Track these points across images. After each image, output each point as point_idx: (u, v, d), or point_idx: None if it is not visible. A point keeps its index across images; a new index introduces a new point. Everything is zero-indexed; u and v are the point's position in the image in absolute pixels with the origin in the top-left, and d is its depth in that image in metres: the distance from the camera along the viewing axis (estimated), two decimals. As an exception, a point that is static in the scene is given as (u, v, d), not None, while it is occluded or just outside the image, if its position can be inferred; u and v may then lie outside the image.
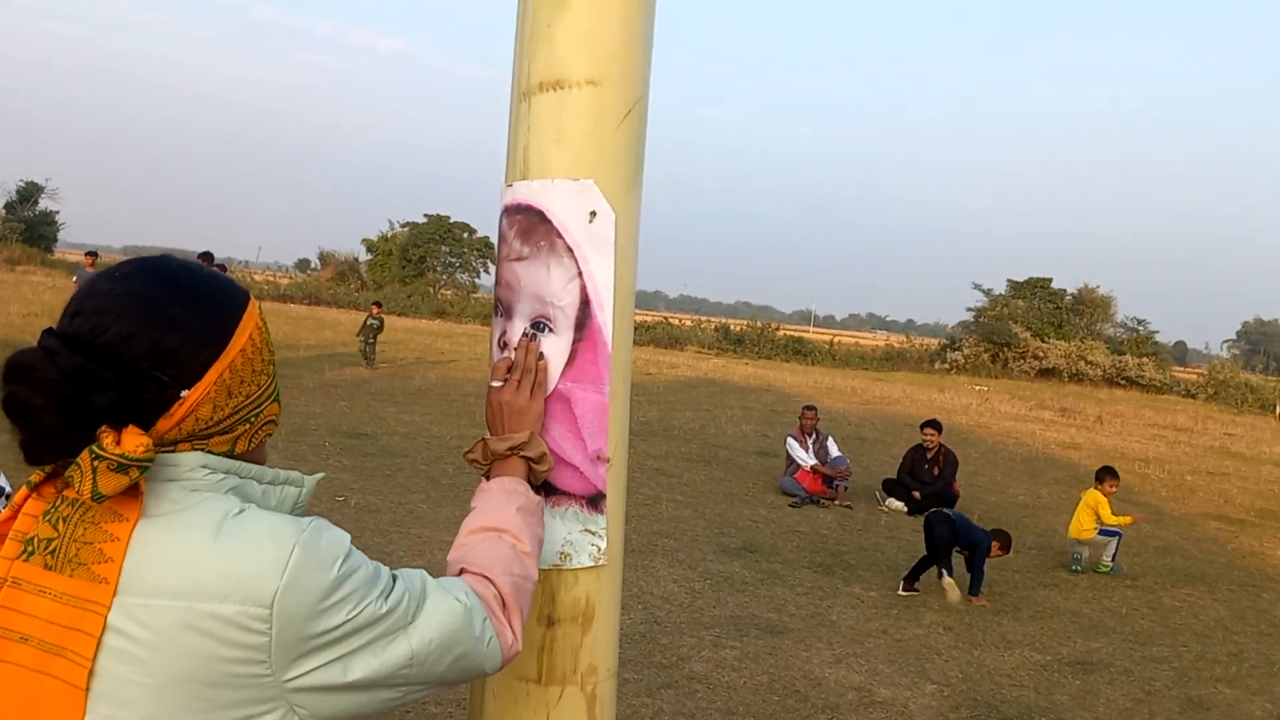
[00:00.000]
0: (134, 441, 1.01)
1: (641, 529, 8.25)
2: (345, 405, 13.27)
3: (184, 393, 1.08)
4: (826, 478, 10.64)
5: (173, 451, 1.10)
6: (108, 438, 1.01)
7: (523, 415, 1.46)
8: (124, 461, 1.00)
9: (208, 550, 1.03)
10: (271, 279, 54.15)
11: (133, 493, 1.05)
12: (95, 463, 1.00)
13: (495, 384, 1.49)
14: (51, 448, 1.04)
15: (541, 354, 1.49)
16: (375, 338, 18.80)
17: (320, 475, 1.30)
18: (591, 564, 1.52)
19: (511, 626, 1.26)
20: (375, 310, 19.64)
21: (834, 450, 10.98)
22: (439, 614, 1.15)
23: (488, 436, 1.48)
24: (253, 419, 1.16)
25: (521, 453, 1.45)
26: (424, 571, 1.21)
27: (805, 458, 10.78)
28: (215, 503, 1.08)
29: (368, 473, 9.18)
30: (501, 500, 1.39)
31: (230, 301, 1.15)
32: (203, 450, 1.12)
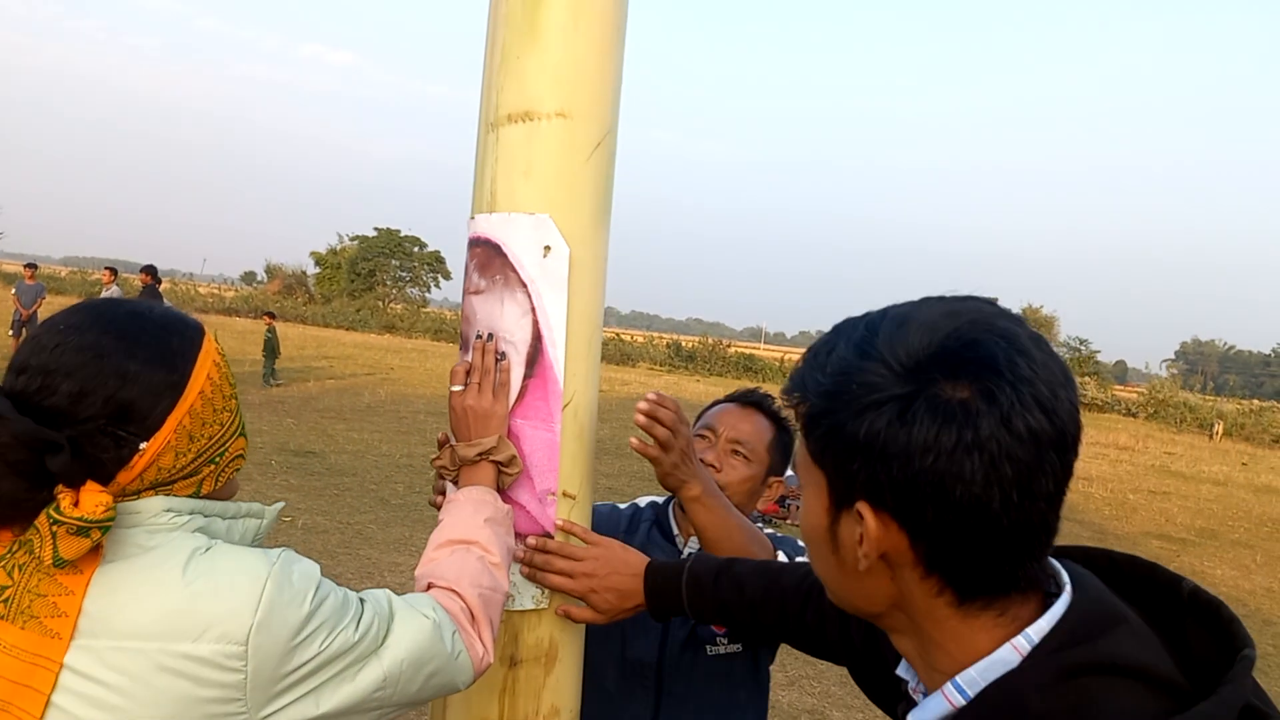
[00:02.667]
0: (93, 501, 0.97)
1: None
2: (292, 422, 13.05)
3: (143, 445, 1.04)
4: (780, 498, 10.68)
5: (136, 498, 1.06)
6: (65, 499, 0.97)
7: (487, 418, 1.44)
8: (84, 524, 0.96)
9: (178, 590, 1.00)
10: (216, 292, 53.40)
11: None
12: (54, 527, 0.96)
13: (456, 388, 1.47)
14: (11, 511, 1.00)
15: (502, 354, 1.46)
16: (273, 353, 16.95)
17: (280, 505, 1.27)
18: (534, 607, 1.48)
19: (481, 639, 1.25)
20: (268, 321, 17.70)
21: (787, 470, 11.02)
22: (408, 633, 1.14)
23: (454, 442, 1.46)
24: (218, 459, 1.13)
25: (491, 457, 1.43)
26: (389, 591, 1.19)
27: (757, 477, 10.81)
28: (182, 542, 1.05)
29: (315, 492, 9.01)
30: (469, 512, 1.37)
31: (184, 344, 1.10)
32: (166, 494, 1.08)
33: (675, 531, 1.88)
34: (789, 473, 7.89)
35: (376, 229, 53.93)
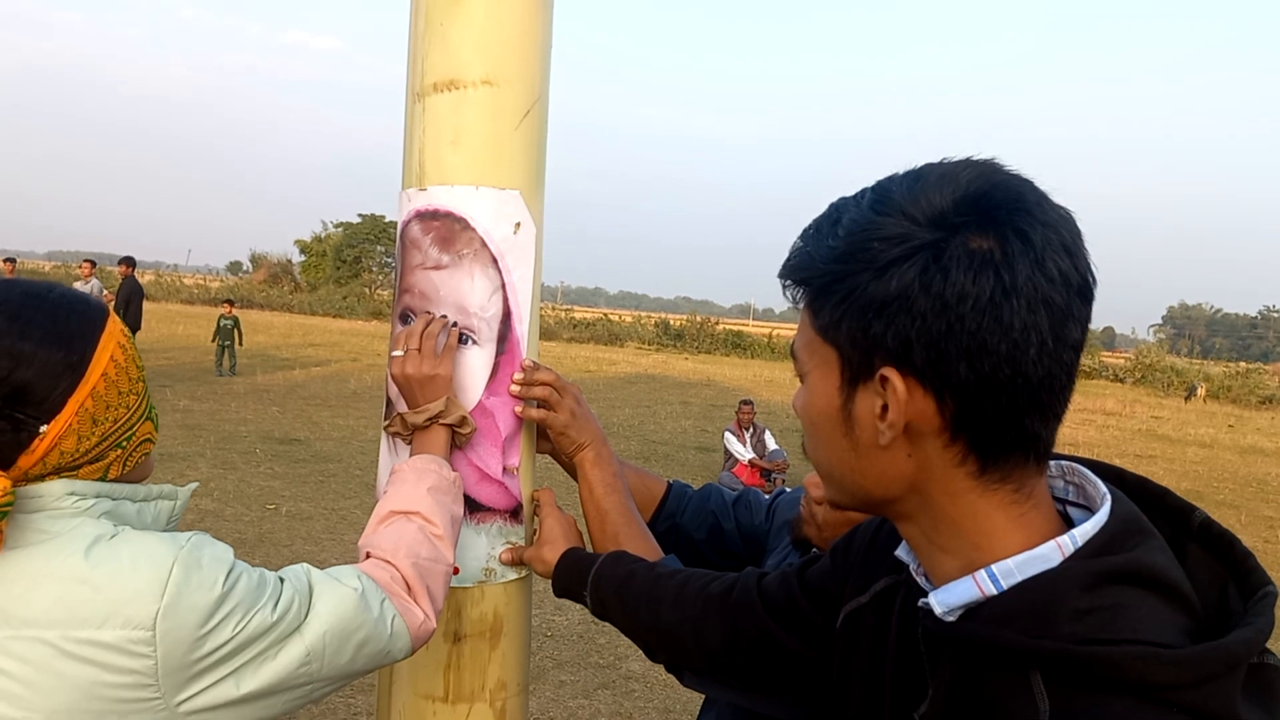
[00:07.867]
0: None
1: (580, 528, 8.19)
2: (277, 410, 13.02)
3: (43, 428, 1.03)
4: (764, 471, 10.70)
5: (40, 482, 1.05)
6: None
7: (431, 382, 1.40)
8: None
9: (80, 575, 0.99)
10: (202, 282, 53.18)
11: None
12: None
13: (397, 353, 1.42)
14: None
15: (445, 314, 1.43)
16: (232, 341, 16.63)
17: (194, 485, 1.26)
18: (516, 577, 1.51)
19: (420, 605, 1.24)
20: (227, 309, 17.23)
21: (771, 444, 11.05)
22: (329, 604, 1.13)
23: (403, 410, 1.43)
24: (124, 443, 1.11)
25: (441, 421, 1.40)
26: (307, 565, 1.19)
27: (743, 452, 10.83)
28: (87, 528, 1.04)
29: (300, 479, 9.01)
30: (412, 481, 1.35)
31: (84, 325, 1.08)
32: (71, 479, 1.06)
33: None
34: (773, 447, 7.97)
35: (361, 215, 53.49)
